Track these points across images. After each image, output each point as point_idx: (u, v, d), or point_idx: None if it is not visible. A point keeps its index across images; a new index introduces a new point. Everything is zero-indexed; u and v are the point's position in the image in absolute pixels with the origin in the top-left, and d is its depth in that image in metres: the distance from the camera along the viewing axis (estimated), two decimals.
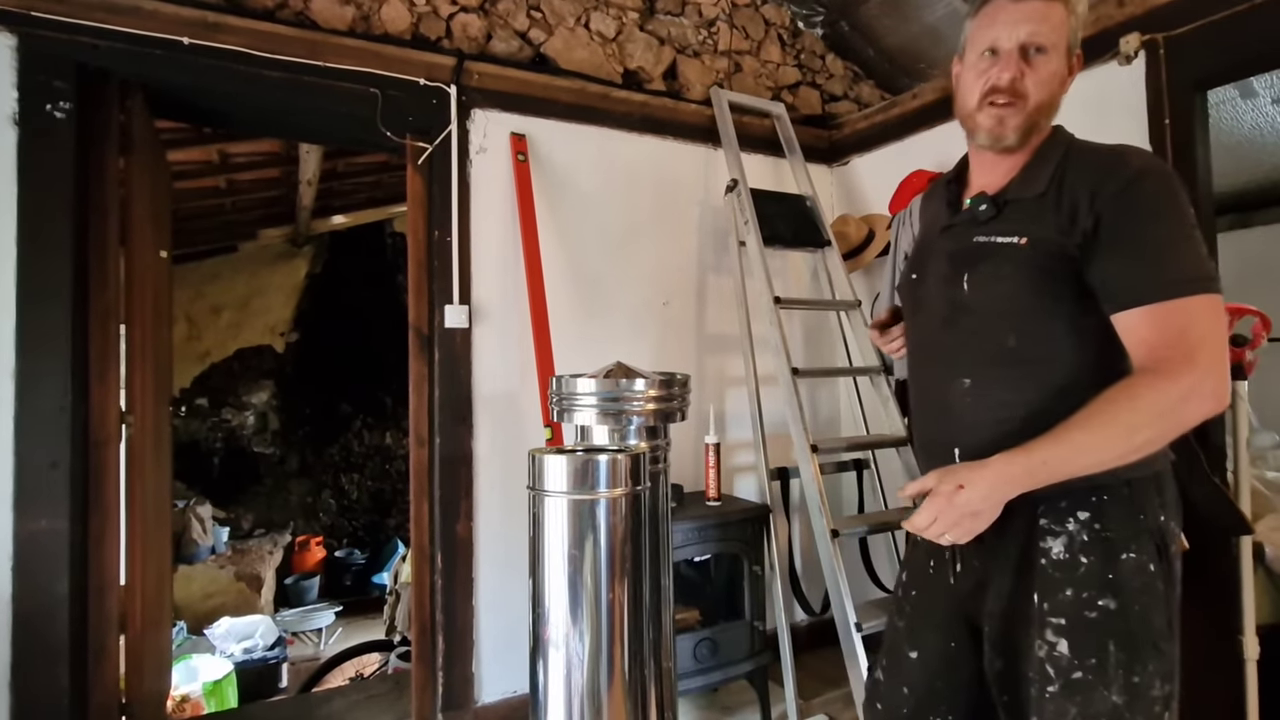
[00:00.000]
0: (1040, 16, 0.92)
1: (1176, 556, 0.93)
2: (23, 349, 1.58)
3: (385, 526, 5.42)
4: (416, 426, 2.06)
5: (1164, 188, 0.89)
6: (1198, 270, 0.86)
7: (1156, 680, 0.88)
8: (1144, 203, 0.88)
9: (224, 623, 3.44)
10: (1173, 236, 0.87)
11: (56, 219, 1.62)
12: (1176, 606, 0.93)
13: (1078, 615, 0.89)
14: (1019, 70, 0.93)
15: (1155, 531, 0.91)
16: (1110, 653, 0.88)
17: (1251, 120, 2.57)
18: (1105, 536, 0.90)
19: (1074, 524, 0.91)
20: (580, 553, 1.13)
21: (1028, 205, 0.95)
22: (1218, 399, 0.84)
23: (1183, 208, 0.89)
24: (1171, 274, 0.86)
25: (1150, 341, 0.86)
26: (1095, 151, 0.96)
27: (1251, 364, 1.58)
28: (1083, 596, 0.89)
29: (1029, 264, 0.93)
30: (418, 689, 2.03)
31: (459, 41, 2.09)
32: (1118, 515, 0.91)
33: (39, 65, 1.61)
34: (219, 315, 5.01)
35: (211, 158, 3.19)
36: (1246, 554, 1.61)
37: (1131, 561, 0.90)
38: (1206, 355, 0.83)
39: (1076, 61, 0.98)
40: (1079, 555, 0.91)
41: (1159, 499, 0.93)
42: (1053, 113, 0.98)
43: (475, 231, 2.06)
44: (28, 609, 1.56)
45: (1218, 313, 0.86)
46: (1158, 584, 0.90)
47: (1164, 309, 0.85)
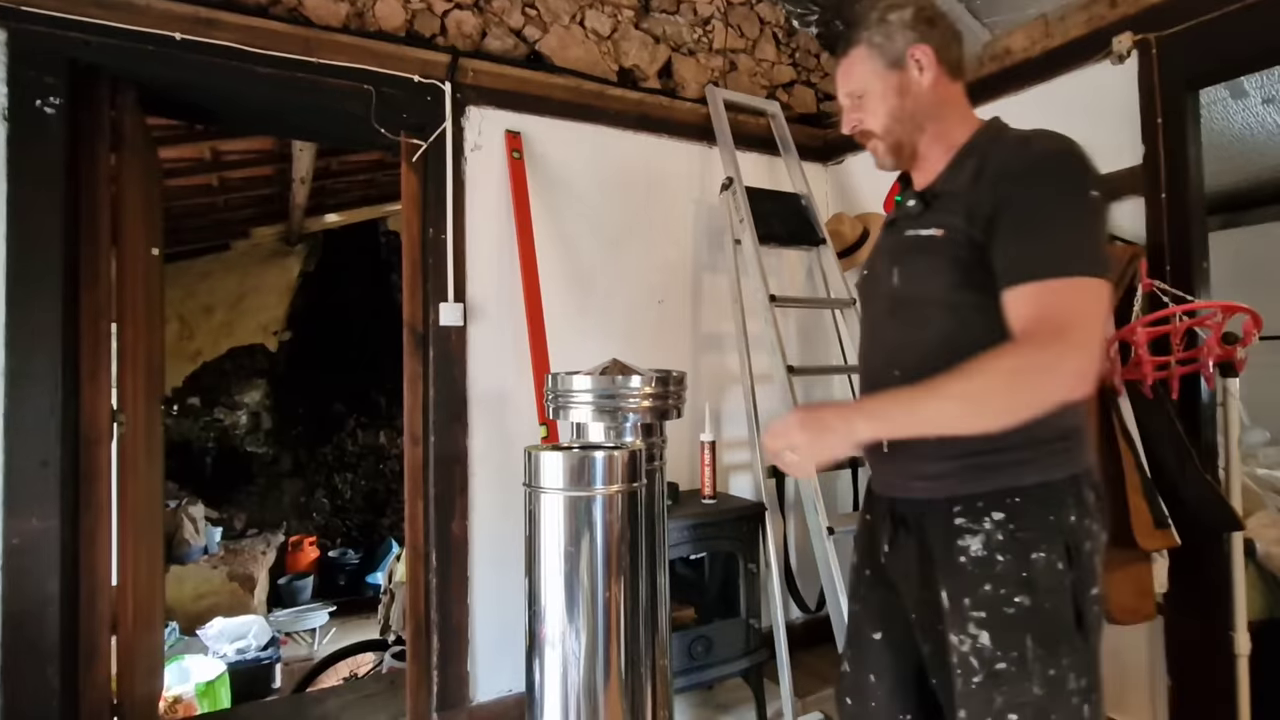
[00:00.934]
0: (846, 73, 1.07)
1: (1092, 555, 0.94)
2: (12, 347, 1.57)
3: (379, 526, 5.40)
4: (411, 425, 2.05)
5: (1061, 169, 0.90)
6: (1082, 252, 0.86)
7: (1072, 674, 0.90)
8: (1039, 185, 0.89)
9: (217, 623, 3.42)
10: (1062, 217, 0.88)
11: (46, 216, 1.60)
12: (1091, 603, 0.93)
13: (997, 610, 0.92)
14: (856, 118, 1.07)
15: (1067, 532, 0.92)
16: (1029, 646, 0.90)
17: (1242, 120, 2.59)
18: (1018, 537, 0.92)
19: (990, 523, 0.93)
20: (577, 550, 1.13)
21: (950, 199, 0.98)
22: (1079, 378, 0.83)
23: (1079, 189, 0.89)
24: (1054, 253, 0.86)
25: (1025, 316, 0.86)
26: (1009, 140, 0.99)
27: (1242, 362, 1.59)
28: (1000, 593, 0.92)
29: (948, 255, 0.95)
30: (412, 688, 2.02)
31: (454, 38, 2.08)
32: (1030, 516, 0.92)
33: (29, 61, 1.59)
34: (211, 314, 4.98)
35: (203, 155, 3.17)
36: (1237, 550, 1.62)
37: (1042, 561, 0.91)
38: (1076, 334, 0.83)
39: (915, 61, 1.01)
40: (995, 554, 0.92)
41: (1074, 501, 0.93)
42: (919, 118, 1.02)
43: (470, 229, 2.06)
44: (18, 609, 1.54)
45: (1096, 296, 0.86)
46: (1065, 582, 0.91)
47: (1042, 286, 0.85)
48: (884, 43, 1.02)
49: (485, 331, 2.07)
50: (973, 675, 0.93)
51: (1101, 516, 0.98)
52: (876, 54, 1.03)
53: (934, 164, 1.04)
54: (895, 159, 1.06)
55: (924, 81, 1.01)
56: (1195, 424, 1.69)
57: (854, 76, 1.05)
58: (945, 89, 1.02)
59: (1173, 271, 1.71)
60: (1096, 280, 0.85)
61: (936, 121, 1.02)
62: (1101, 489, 0.99)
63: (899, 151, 1.05)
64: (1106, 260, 0.88)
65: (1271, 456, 2.33)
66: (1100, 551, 0.97)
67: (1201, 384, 1.68)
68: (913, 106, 1.02)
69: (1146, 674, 1.79)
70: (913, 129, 1.03)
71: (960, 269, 0.94)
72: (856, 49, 1.04)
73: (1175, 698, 1.72)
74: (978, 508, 0.94)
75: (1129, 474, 1.61)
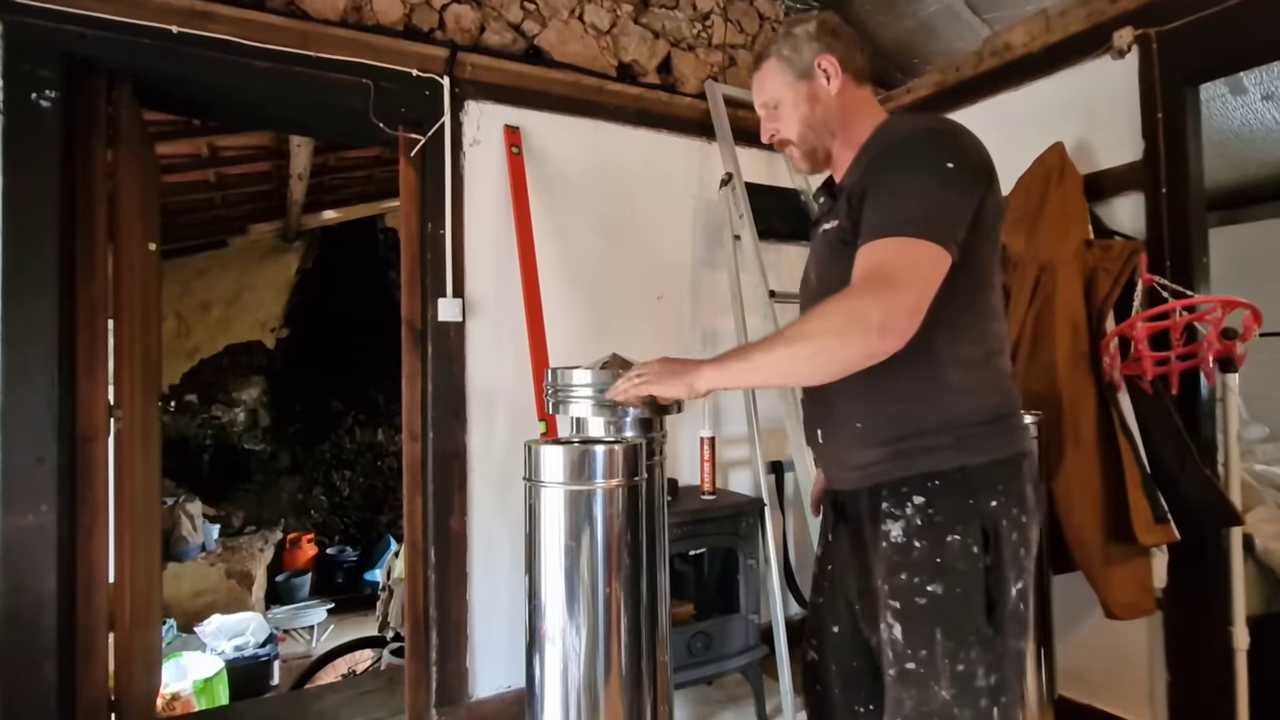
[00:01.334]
0: (760, 85, 1.12)
1: (1019, 547, 0.92)
2: (8, 342, 1.55)
3: (377, 524, 5.39)
4: (409, 421, 2.04)
5: (919, 145, 0.92)
6: (920, 217, 0.86)
7: (980, 669, 0.89)
8: (896, 162, 0.92)
9: (214, 620, 3.41)
10: (911, 188, 0.89)
11: (42, 209, 1.59)
12: (1012, 597, 0.91)
13: (910, 601, 0.92)
14: (773, 127, 1.12)
15: (986, 517, 0.91)
16: (938, 641, 0.90)
17: (1241, 117, 2.59)
18: (935, 521, 0.92)
19: (910, 508, 0.93)
20: (577, 544, 1.12)
21: (846, 192, 1.00)
22: (884, 331, 0.82)
23: (934, 162, 0.89)
24: (894, 217, 0.87)
25: (856, 271, 0.88)
26: (889, 129, 1.02)
27: (1242, 357, 1.59)
28: (914, 581, 0.92)
29: (842, 247, 0.97)
30: (411, 684, 2.02)
31: (452, 33, 2.07)
32: (948, 499, 0.92)
33: (24, 53, 1.58)
34: (208, 311, 4.96)
35: (200, 151, 3.15)
36: (1236, 545, 1.62)
37: (956, 545, 0.90)
38: (892, 287, 0.83)
39: (822, 71, 1.06)
40: (913, 540, 0.93)
41: (999, 486, 0.92)
42: (830, 123, 1.07)
43: (469, 224, 2.05)
44: (15, 605, 1.53)
45: (923, 257, 0.85)
46: (979, 566, 0.90)
47: (875, 244, 0.87)
48: (792, 55, 1.07)
49: (484, 327, 2.07)
50: (889, 668, 0.94)
51: (1037, 510, 0.96)
52: (787, 66, 1.08)
53: (844, 164, 1.08)
54: (811, 163, 1.11)
55: (832, 89, 1.06)
56: (1195, 419, 1.69)
57: (767, 88, 1.10)
58: (852, 95, 1.07)
59: (1172, 267, 1.71)
60: (929, 244, 0.85)
61: (846, 126, 1.07)
62: (1038, 484, 0.98)
63: (814, 156, 1.10)
64: (950, 229, 0.87)
65: (1269, 452, 2.33)
66: (1032, 546, 0.95)
67: (1201, 379, 1.68)
68: (823, 113, 1.07)
69: (1145, 669, 1.79)
70: (824, 134, 1.08)
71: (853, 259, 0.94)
72: (768, 62, 1.10)
73: (1174, 692, 1.72)
74: (901, 493, 0.95)
75: (1129, 469, 1.61)
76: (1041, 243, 1.81)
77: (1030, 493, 0.96)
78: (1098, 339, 1.70)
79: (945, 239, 0.86)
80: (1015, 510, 0.93)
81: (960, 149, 0.92)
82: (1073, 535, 1.66)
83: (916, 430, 0.94)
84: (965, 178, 0.90)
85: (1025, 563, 0.94)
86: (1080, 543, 1.65)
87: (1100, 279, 1.72)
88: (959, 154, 0.91)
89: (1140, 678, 1.80)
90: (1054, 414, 1.68)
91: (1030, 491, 0.96)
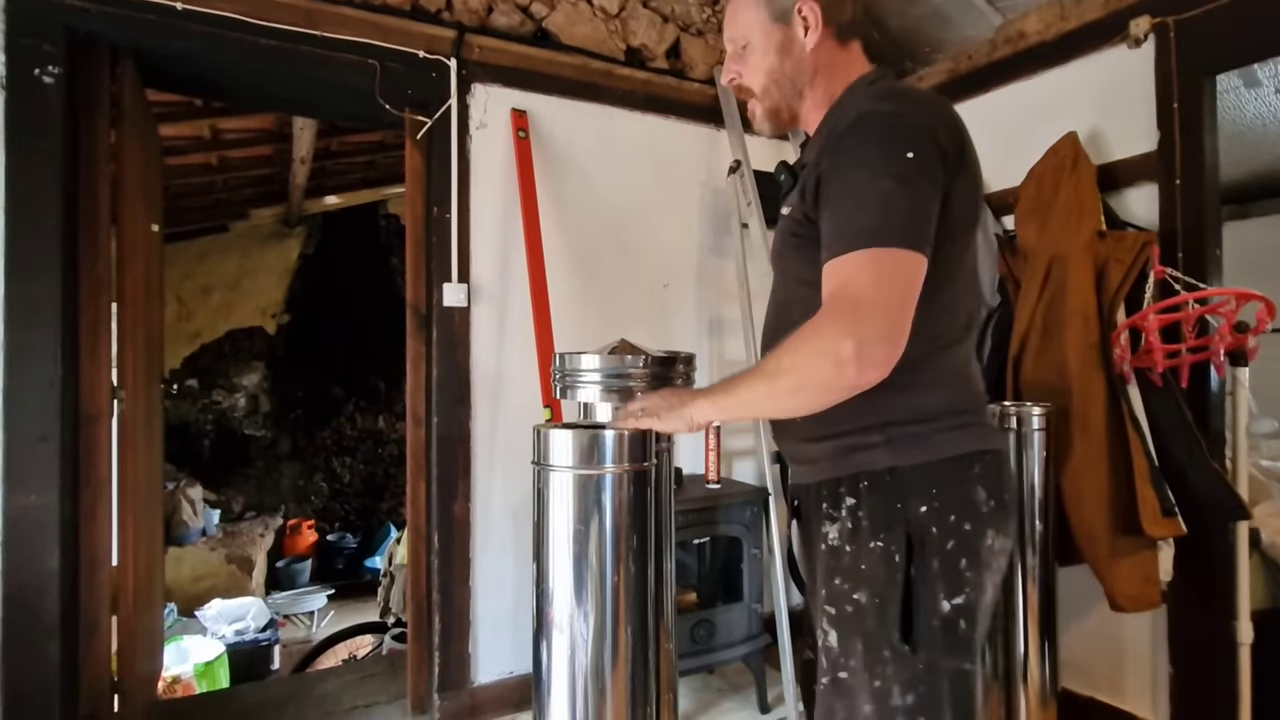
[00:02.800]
0: (732, 16, 0.97)
1: (956, 557, 0.83)
2: (11, 321, 1.54)
3: (378, 511, 5.39)
4: (413, 406, 2.03)
5: (871, 133, 0.81)
6: (879, 222, 0.76)
7: (896, 687, 0.82)
8: (850, 155, 0.81)
9: (215, 604, 3.42)
10: (867, 188, 0.78)
11: (46, 187, 1.57)
12: (943, 611, 0.82)
13: (841, 607, 0.86)
14: (736, 70, 0.98)
15: (914, 523, 0.83)
16: (859, 652, 0.84)
17: (1254, 110, 2.57)
18: (862, 525, 0.86)
19: (844, 510, 0.88)
20: (586, 530, 1.11)
21: (803, 179, 0.90)
22: (861, 366, 0.74)
23: (890, 154, 0.79)
24: (853, 227, 0.78)
25: (825, 295, 0.79)
26: (846, 108, 0.90)
27: (1254, 350, 1.58)
28: (844, 588, 0.86)
29: (797, 234, 0.91)
30: (413, 668, 2.02)
31: (459, 14, 2.04)
32: (875, 503, 0.86)
33: (27, 27, 1.55)
34: (209, 295, 4.94)
35: (203, 133, 3.12)
36: (1243, 539, 1.62)
37: (878, 552, 0.84)
38: (862, 311, 0.75)
39: (801, 19, 0.92)
40: (844, 544, 0.87)
41: (934, 490, 0.84)
42: (799, 81, 0.94)
43: (475, 209, 2.03)
44: (18, 585, 1.53)
45: (890, 268, 0.76)
46: (898, 578, 0.83)
47: (839, 262, 0.78)
48: None
49: (489, 312, 2.05)
50: (822, 675, 0.89)
51: (993, 517, 0.86)
52: (764, 3, 0.94)
53: (814, 126, 0.97)
54: (773, 123, 0.99)
55: (808, 42, 0.92)
56: (1204, 413, 1.68)
57: (739, 22, 0.96)
58: (831, 53, 0.93)
59: (1185, 259, 1.69)
60: (897, 251, 0.76)
61: (816, 88, 0.94)
62: (1000, 487, 0.87)
63: (777, 116, 0.98)
64: (919, 229, 0.78)
65: (1277, 447, 2.32)
66: (985, 557, 0.85)
67: (1211, 373, 1.67)
68: (793, 69, 0.94)
69: (1149, 662, 1.79)
70: (790, 92, 0.95)
71: (809, 247, 0.86)
72: None
73: (1177, 686, 1.72)
74: (839, 493, 0.89)
75: (1137, 461, 1.60)
76: (1053, 233, 1.79)
77: (981, 496, 0.85)
78: (1108, 331, 1.69)
79: (915, 241, 0.77)
80: (953, 516, 0.83)
81: (921, 131, 0.80)
82: (1080, 527, 1.65)
83: (852, 428, 0.87)
84: (928, 165, 0.79)
85: (969, 575, 0.83)
86: (1087, 534, 1.64)
87: (1112, 270, 1.71)
88: (919, 138, 0.79)
89: (1143, 671, 1.80)
90: (1063, 405, 1.67)
91: (981, 495, 0.85)
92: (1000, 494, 0.87)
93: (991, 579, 0.86)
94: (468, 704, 1.99)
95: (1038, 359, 1.77)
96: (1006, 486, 0.89)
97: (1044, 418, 1.61)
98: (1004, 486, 0.88)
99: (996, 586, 0.88)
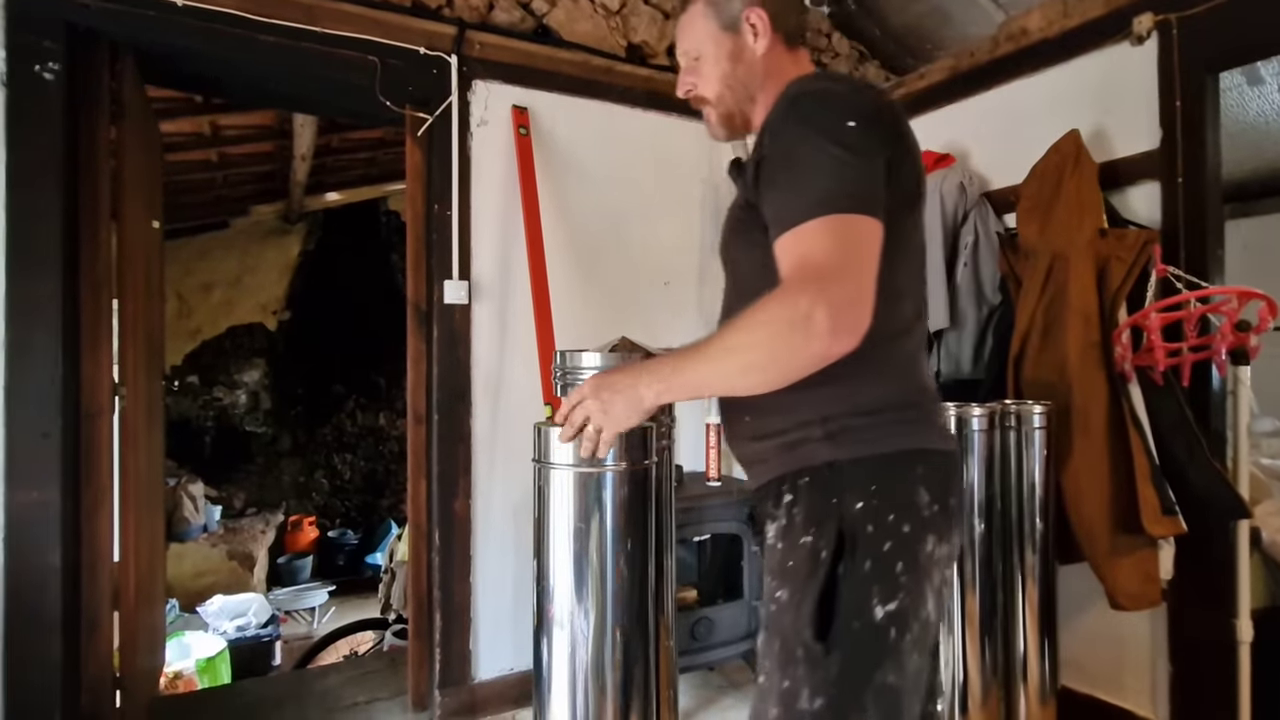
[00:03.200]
0: (683, 31, 0.99)
1: (894, 559, 0.78)
2: (12, 318, 1.54)
3: (378, 507, 5.40)
4: (414, 403, 2.04)
5: (810, 110, 0.80)
6: (833, 188, 0.75)
7: (805, 690, 0.77)
8: (788, 132, 0.81)
9: (217, 600, 3.43)
10: (808, 160, 0.77)
11: (46, 184, 1.57)
12: (874, 618, 0.77)
13: (767, 606, 0.84)
14: (690, 82, 0.99)
15: (847, 519, 0.79)
16: (775, 652, 0.80)
17: (1257, 108, 2.56)
18: (795, 521, 0.83)
19: (783, 508, 0.85)
20: (586, 527, 1.12)
21: (746, 165, 0.90)
22: (835, 332, 0.71)
23: (829, 125, 0.78)
24: (802, 199, 0.76)
25: (783, 269, 0.76)
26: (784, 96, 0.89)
27: (1256, 349, 1.58)
28: (771, 585, 0.83)
29: (742, 224, 0.90)
30: (414, 665, 2.02)
31: (460, 10, 2.04)
32: (811, 498, 0.82)
33: (27, 24, 1.55)
34: (210, 292, 4.94)
35: (202, 129, 3.12)
36: (1243, 538, 1.62)
37: (806, 547, 0.80)
38: (828, 279, 0.71)
39: (750, 26, 0.94)
40: (778, 541, 0.84)
41: (873, 486, 0.80)
42: (751, 86, 0.96)
43: (475, 206, 2.03)
44: (19, 581, 1.53)
45: (850, 233, 0.74)
46: (820, 574, 0.78)
47: (793, 235, 0.75)
48: (721, 1, 0.95)
49: (490, 310, 2.05)
50: (757, 675, 0.86)
51: (935, 522, 0.81)
52: (713, 14, 0.96)
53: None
54: (727, 129, 1.00)
55: (758, 48, 0.94)
56: (1205, 411, 1.68)
57: (689, 35, 0.98)
58: (780, 58, 0.95)
59: (1187, 257, 1.69)
60: (855, 217, 0.74)
61: (768, 91, 0.94)
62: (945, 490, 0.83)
63: (730, 122, 0.99)
64: (872, 194, 0.76)
65: (1276, 446, 2.32)
66: (925, 563, 0.80)
67: (1212, 371, 1.66)
68: (745, 74, 0.95)
69: (1148, 660, 1.79)
70: (744, 98, 0.97)
71: (756, 235, 0.85)
72: (695, 5, 0.97)
73: (1176, 684, 1.72)
74: (781, 491, 0.86)
75: (1138, 460, 1.60)
76: (1055, 232, 1.79)
77: (923, 498, 0.81)
78: (1109, 329, 1.68)
79: (870, 207, 0.75)
80: (892, 516, 0.79)
81: (857, 103, 0.80)
82: (1080, 525, 1.65)
83: (794, 423, 0.85)
84: (871, 134, 0.78)
85: (904, 581, 0.78)
86: (1088, 533, 1.64)
87: (1113, 269, 1.71)
88: (858, 109, 0.79)
89: (1143, 669, 1.80)
90: (1064, 404, 1.67)
91: (924, 497, 0.81)
92: (945, 498, 0.83)
93: (931, 589, 0.81)
94: (468, 700, 2.00)
95: (1039, 357, 1.77)
96: (953, 491, 0.85)
97: (1045, 416, 1.61)
98: (950, 490, 0.84)
99: (938, 598, 0.83)
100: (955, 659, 1.57)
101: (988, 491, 1.58)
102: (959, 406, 1.59)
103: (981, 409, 1.58)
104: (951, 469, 0.86)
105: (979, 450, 1.57)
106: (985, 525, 1.57)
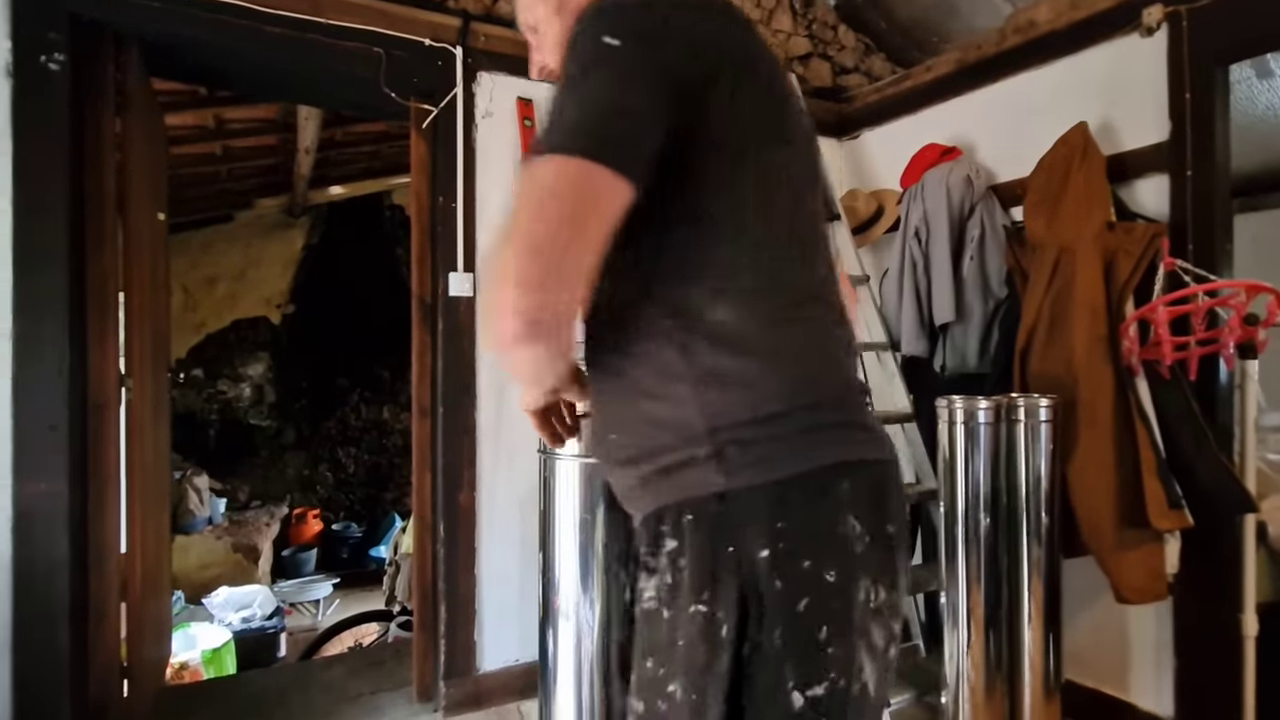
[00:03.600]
0: (519, 14, 0.86)
1: (812, 622, 0.59)
2: (19, 310, 1.55)
3: (382, 500, 5.42)
4: (419, 396, 2.04)
5: (580, 31, 0.63)
6: (564, 122, 0.58)
7: None
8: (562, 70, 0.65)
9: (222, 592, 3.45)
10: (559, 91, 0.61)
11: (52, 176, 1.57)
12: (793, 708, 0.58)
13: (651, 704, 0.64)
14: (540, 59, 0.85)
15: (748, 572, 0.59)
16: None
17: (1266, 101, 2.54)
18: (680, 578, 0.62)
19: (664, 558, 0.64)
20: (592, 518, 1.12)
21: None
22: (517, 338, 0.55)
23: (587, 44, 0.61)
24: (535, 138, 0.60)
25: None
26: None
27: (1264, 343, 1.57)
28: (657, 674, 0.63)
29: None
30: (419, 656, 2.03)
31: (465, 2, 2.03)
32: (698, 543, 0.62)
33: (32, 15, 1.55)
34: (215, 286, 4.95)
35: (207, 122, 3.12)
36: (1249, 532, 1.61)
37: (699, 619, 0.60)
38: (515, 255, 0.55)
39: None
40: (661, 606, 0.64)
41: (780, 524, 0.60)
42: None
43: (480, 198, 2.03)
44: (27, 572, 1.54)
45: (554, 187, 0.56)
46: (722, 658, 0.59)
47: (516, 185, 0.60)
48: None
49: None
50: None
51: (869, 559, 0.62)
52: None
53: None
54: None
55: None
56: (1212, 406, 1.67)
57: (524, 10, 0.85)
58: None
59: (1195, 251, 1.68)
60: (571, 162, 0.55)
61: None
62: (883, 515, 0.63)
63: None
64: (609, 131, 0.57)
65: None
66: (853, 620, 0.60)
67: (1220, 365, 1.66)
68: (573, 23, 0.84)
69: (1153, 654, 1.79)
70: None
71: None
72: None
73: (1181, 678, 1.72)
74: (660, 532, 0.65)
75: (1144, 454, 1.60)
76: (1062, 224, 1.78)
77: (851, 529, 0.60)
78: (1117, 322, 1.68)
79: (602, 149, 0.55)
80: (809, 562, 0.59)
81: (641, 17, 0.61)
82: (1086, 519, 1.65)
83: (670, 440, 0.63)
84: (642, 52, 0.59)
85: (832, 653, 0.59)
86: (1093, 527, 1.64)
87: (1121, 262, 1.70)
88: (634, 24, 0.60)
89: (1148, 663, 1.80)
90: (1070, 397, 1.67)
91: (852, 527, 0.61)
92: (880, 524, 0.62)
93: (870, 654, 0.61)
94: (473, 691, 2.00)
95: (1045, 351, 1.77)
96: (892, 513, 0.64)
97: (1051, 409, 1.60)
98: (888, 513, 0.63)
99: (882, 662, 0.62)
100: (959, 652, 1.57)
101: (993, 485, 1.57)
102: (965, 400, 1.59)
103: (988, 402, 1.58)
104: (888, 484, 0.65)
105: (985, 444, 1.57)
106: (990, 519, 1.57)
